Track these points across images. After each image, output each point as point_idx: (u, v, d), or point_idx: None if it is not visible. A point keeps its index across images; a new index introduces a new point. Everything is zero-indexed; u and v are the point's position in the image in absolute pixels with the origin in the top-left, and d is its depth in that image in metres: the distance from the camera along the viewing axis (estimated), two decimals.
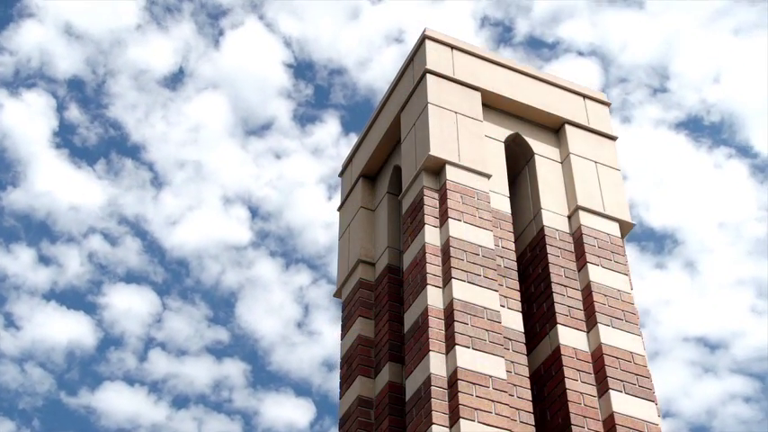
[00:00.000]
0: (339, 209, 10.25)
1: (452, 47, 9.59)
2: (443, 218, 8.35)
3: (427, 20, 24.14)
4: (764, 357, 23.29)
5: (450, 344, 7.58)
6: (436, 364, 7.48)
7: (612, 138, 9.64)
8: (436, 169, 8.71)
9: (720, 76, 24.63)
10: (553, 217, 8.83)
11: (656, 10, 24.82)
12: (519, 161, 9.43)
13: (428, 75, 9.26)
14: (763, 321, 23.53)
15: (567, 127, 9.50)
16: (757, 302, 23.58)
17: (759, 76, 23.95)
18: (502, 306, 8.04)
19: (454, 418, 7.18)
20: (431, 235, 8.28)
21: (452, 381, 7.37)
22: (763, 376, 23.30)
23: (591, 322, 8.14)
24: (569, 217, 8.89)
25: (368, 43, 24.81)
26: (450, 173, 8.61)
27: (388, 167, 9.75)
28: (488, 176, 8.76)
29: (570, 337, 8.01)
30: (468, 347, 7.54)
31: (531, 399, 7.63)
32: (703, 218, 24.28)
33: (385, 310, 8.70)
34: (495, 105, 9.45)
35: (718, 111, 24.13)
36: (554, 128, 9.58)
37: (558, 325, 8.05)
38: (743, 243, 23.94)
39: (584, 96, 9.86)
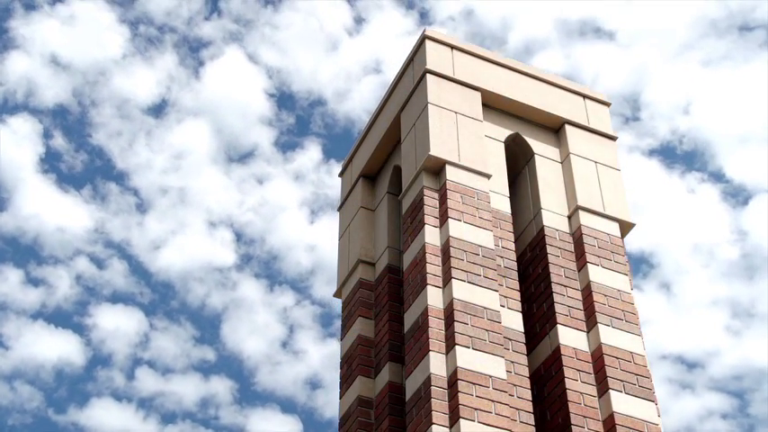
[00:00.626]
0: (339, 209, 10.25)
1: (452, 47, 9.59)
2: (443, 218, 8.35)
3: (404, 51, 24.79)
4: (740, 375, 23.97)
5: (450, 344, 7.57)
6: (436, 364, 7.48)
7: (613, 138, 9.63)
8: (436, 169, 8.71)
9: (690, 106, 25.45)
10: (553, 217, 8.83)
11: (626, 42, 25.68)
12: (519, 161, 9.43)
13: (428, 75, 9.25)
14: (738, 341, 24.30)
15: (567, 127, 9.50)
16: (732, 322, 24.32)
17: (728, 106, 24.95)
18: (502, 306, 8.04)
19: (454, 418, 7.17)
20: (431, 235, 8.27)
21: (452, 381, 7.36)
22: (739, 393, 23.82)
23: (591, 322, 8.13)
24: (569, 217, 8.88)
25: (346, 75, 25.77)
26: (451, 173, 8.61)
27: (388, 167, 9.75)
28: (488, 176, 8.76)
29: (570, 337, 8.01)
30: (468, 347, 7.54)
31: (531, 399, 7.63)
32: (678, 240, 25.02)
33: (385, 310, 8.70)
34: (495, 105, 9.45)
35: (690, 140, 25.13)
36: (554, 128, 9.58)
37: (558, 325, 8.05)
38: (717, 265, 24.73)
39: (584, 96, 9.85)
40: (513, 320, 8.01)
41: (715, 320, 24.22)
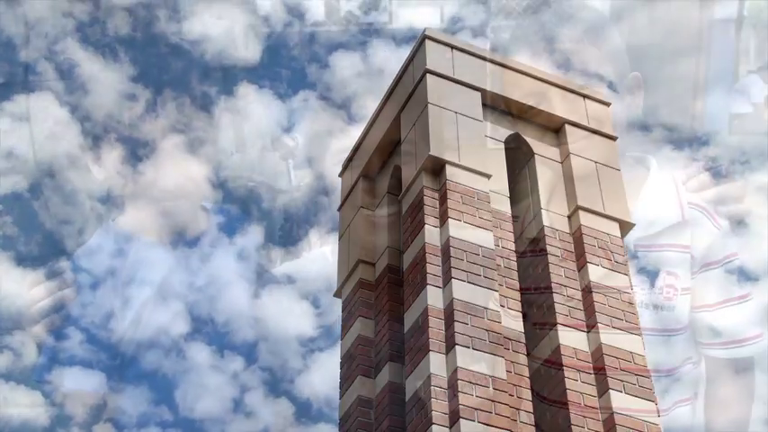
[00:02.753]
0: (339, 209, 10.24)
1: (452, 47, 9.58)
2: (443, 218, 8.34)
3: (333, 149, 27.31)
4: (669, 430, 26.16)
5: (450, 344, 7.57)
6: (436, 364, 7.47)
7: (613, 138, 9.63)
8: (436, 169, 8.71)
9: None
10: (553, 217, 8.82)
11: None
12: (519, 161, 9.42)
13: (428, 75, 9.25)
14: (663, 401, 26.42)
15: (567, 127, 9.49)
16: (656, 384, 26.83)
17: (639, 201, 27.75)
18: (502, 306, 8.04)
19: (454, 418, 7.17)
20: (431, 235, 8.27)
21: (452, 381, 7.36)
22: None
23: (591, 322, 8.13)
24: (569, 217, 8.88)
25: (281, 171, 28.24)
26: (451, 173, 8.60)
27: (388, 167, 9.75)
28: (488, 176, 8.75)
29: (570, 337, 8.00)
30: (468, 347, 7.54)
31: (531, 399, 7.63)
32: None
33: (385, 310, 8.70)
34: (495, 105, 9.44)
35: None
36: (554, 128, 9.57)
37: (559, 325, 8.04)
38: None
39: (585, 96, 9.85)
40: (514, 320, 8.00)
41: None
